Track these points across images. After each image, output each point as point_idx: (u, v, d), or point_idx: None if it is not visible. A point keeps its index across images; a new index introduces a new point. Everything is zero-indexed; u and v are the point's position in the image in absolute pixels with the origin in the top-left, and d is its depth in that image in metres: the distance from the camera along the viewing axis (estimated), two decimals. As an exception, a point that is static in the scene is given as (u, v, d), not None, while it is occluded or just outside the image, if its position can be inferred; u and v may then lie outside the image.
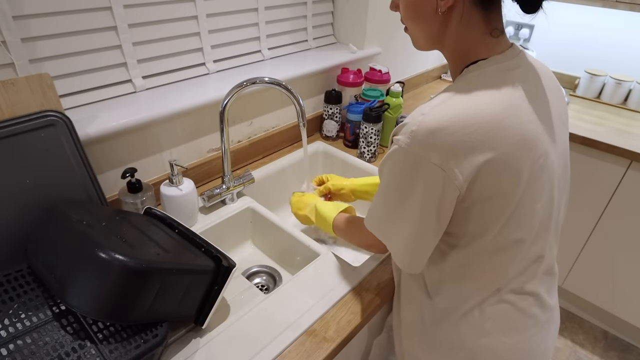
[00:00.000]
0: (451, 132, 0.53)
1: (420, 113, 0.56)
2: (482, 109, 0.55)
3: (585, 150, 1.52)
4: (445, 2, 0.57)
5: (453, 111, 0.54)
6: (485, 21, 0.58)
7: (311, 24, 1.39)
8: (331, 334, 0.72)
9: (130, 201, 0.86)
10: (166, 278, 0.62)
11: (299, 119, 0.92)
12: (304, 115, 0.92)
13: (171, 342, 0.69)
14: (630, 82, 1.73)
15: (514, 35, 1.99)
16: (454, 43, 0.61)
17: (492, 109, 0.55)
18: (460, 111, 0.54)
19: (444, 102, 0.56)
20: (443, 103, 0.56)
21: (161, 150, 1.01)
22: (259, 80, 0.89)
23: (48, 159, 0.73)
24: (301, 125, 0.92)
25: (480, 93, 0.56)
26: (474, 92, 0.56)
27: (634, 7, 1.48)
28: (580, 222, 1.65)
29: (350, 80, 1.34)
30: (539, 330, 0.68)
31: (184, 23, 1.04)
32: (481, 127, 0.54)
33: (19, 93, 0.71)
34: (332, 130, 1.36)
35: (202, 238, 0.77)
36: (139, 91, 1.01)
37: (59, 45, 0.85)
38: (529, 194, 0.58)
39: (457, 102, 0.55)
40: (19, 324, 0.59)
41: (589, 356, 1.74)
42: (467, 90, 0.56)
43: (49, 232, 0.66)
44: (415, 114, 0.56)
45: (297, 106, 0.91)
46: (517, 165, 0.56)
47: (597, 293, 1.75)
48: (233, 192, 1.04)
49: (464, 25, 0.59)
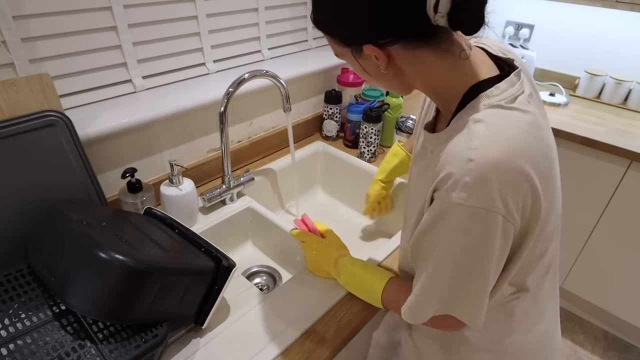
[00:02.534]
0: (510, 169, 0.48)
1: (465, 159, 0.49)
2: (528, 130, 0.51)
3: (585, 150, 1.52)
4: (381, 60, 0.54)
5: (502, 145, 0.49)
6: (445, 50, 0.53)
7: (311, 24, 1.39)
8: (331, 334, 0.72)
9: (130, 201, 0.86)
10: (166, 278, 0.62)
11: (283, 104, 0.95)
12: (289, 98, 0.96)
13: (171, 342, 0.69)
14: (630, 82, 1.73)
15: (514, 35, 1.99)
16: (424, 83, 0.57)
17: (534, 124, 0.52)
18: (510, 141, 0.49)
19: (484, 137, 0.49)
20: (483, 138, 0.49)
21: (161, 150, 1.01)
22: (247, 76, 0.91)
23: (48, 159, 0.73)
24: (285, 109, 0.95)
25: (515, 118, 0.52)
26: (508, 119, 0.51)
27: (634, 7, 1.48)
28: (580, 222, 1.65)
29: (350, 80, 1.34)
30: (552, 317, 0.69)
31: (184, 23, 1.04)
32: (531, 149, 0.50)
33: (19, 93, 0.71)
34: (332, 130, 1.36)
35: (202, 238, 0.77)
36: (139, 91, 1.01)
37: (59, 45, 0.85)
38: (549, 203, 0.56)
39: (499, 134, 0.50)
40: (19, 324, 0.59)
41: (589, 356, 1.74)
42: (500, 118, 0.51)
43: (49, 232, 0.66)
44: (458, 160, 0.49)
45: (282, 89, 0.96)
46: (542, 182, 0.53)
47: (597, 293, 1.75)
48: (233, 192, 1.04)
49: (418, 68, 0.55)
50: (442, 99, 0.59)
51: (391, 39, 0.52)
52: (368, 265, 0.78)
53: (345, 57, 0.60)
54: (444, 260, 0.54)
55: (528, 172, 0.49)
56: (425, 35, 0.52)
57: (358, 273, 0.76)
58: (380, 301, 0.72)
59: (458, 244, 0.52)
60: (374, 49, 0.53)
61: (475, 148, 0.49)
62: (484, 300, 0.56)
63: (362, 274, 0.76)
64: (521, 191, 0.49)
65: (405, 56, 0.54)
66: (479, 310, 0.56)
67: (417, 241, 0.58)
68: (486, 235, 0.50)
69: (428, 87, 0.58)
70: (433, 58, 0.54)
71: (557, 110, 1.70)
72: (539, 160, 0.52)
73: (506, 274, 0.58)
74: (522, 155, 0.49)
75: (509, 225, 0.50)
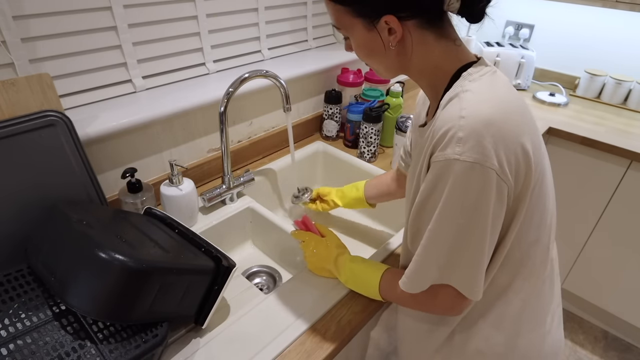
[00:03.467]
0: (500, 127, 0.51)
1: (458, 117, 0.51)
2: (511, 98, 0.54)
3: (585, 150, 1.51)
4: (394, 37, 0.56)
5: (490, 104, 0.52)
6: (444, 36, 0.58)
7: (311, 24, 1.39)
8: (331, 334, 0.72)
9: (130, 201, 0.86)
10: (166, 278, 0.62)
11: (283, 104, 0.95)
12: (289, 98, 0.95)
13: (171, 342, 0.69)
14: (630, 82, 1.73)
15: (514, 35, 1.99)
16: (419, 66, 0.60)
17: (516, 96, 0.55)
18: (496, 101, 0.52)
19: (473, 99, 0.52)
20: (473, 100, 0.52)
21: (161, 150, 1.01)
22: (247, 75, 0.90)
23: (48, 159, 0.73)
24: (285, 109, 0.94)
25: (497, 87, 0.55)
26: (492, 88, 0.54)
27: (634, 7, 1.48)
28: (580, 222, 1.65)
29: (350, 80, 1.34)
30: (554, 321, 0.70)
31: (184, 23, 1.04)
32: (517, 113, 0.53)
33: (19, 93, 0.71)
34: (332, 130, 1.36)
35: (202, 238, 0.77)
36: (139, 91, 1.01)
37: (59, 45, 0.85)
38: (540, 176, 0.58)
39: (486, 96, 0.53)
40: (19, 324, 0.59)
41: (589, 356, 1.74)
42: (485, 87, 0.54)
43: (49, 232, 0.66)
44: (451, 119, 0.52)
45: (282, 89, 0.95)
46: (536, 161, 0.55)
47: (597, 293, 1.75)
48: (233, 192, 1.04)
49: (421, 48, 0.58)
50: (432, 84, 0.62)
51: (411, 13, 0.54)
52: (366, 260, 0.79)
53: (349, 30, 0.60)
54: (442, 223, 0.55)
55: (518, 130, 0.52)
56: (435, 18, 0.56)
57: (357, 268, 0.77)
58: (379, 292, 0.72)
59: (455, 204, 0.52)
60: (394, 21, 0.55)
61: (465, 108, 0.52)
62: (481, 267, 0.56)
63: (360, 268, 0.76)
64: (513, 149, 0.52)
65: (415, 34, 0.57)
66: (476, 279, 0.57)
67: (416, 214, 0.59)
68: (481, 192, 0.51)
69: (422, 71, 0.61)
70: (434, 41, 0.57)
71: (557, 110, 1.70)
72: (528, 122, 0.55)
73: (501, 250, 0.59)
74: (511, 113, 0.53)
75: (502, 184, 0.52)
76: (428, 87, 0.63)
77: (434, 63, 0.59)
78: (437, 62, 0.59)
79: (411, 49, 0.58)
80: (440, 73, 0.59)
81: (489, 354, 0.67)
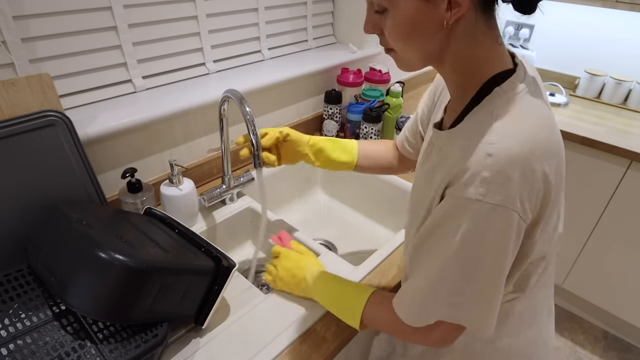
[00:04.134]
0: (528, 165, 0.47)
1: (484, 154, 0.47)
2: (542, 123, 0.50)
3: (585, 150, 1.52)
4: (456, 11, 0.48)
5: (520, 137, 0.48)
6: (491, 28, 0.52)
7: (311, 24, 1.39)
8: (331, 334, 0.72)
9: (130, 201, 0.86)
10: (166, 278, 0.62)
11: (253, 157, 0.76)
12: (259, 147, 0.76)
13: (171, 342, 0.69)
14: (630, 82, 1.73)
15: (514, 35, 1.99)
16: (459, 58, 0.53)
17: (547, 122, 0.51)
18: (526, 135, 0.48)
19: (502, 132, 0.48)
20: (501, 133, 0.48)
21: (161, 150, 1.01)
22: None
23: (48, 159, 0.73)
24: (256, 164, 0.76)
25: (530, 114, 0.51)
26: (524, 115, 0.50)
27: (634, 7, 1.48)
28: (580, 222, 1.65)
29: (350, 80, 1.34)
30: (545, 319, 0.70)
31: (184, 23, 1.04)
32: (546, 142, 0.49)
33: (19, 93, 0.71)
34: (332, 130, 1.36)
35: (202, 238, 0.77)
36: (139, 91, 1.01)
37: (59, 45, 0.85)
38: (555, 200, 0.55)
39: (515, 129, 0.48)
40: (19, 324, 0.59)
41: (589, 356, 1.74)
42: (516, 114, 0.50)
43: (49, 232, 0.66)
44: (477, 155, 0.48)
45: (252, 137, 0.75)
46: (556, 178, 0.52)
47: (597, 293, 1.75)
48: (233, 192, 1.04)
49: (470, 36, 0.51)
50: (461, 84, 0.55)
51: None
52: (346, 281, 0.75)
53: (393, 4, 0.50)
54: (456, 262, 0.51)
55: (545, 168, 0.49)
56: (490, 6, 0.50)
57: (336, 288, 0.72)
58: (360, 317, 0.66)
59: (472, 243, 0.49)
60: None
61: (493, 143, 0.47)
62: (496, 304, 0.53)
63: (340, 288, 0.72)
64: (536, 188, 0.49)
65: (468, 19, 0.50)
66: (492, 316, 0.54)
67: (423, 238, 0.55)
68: (502, 233, 0.48)
69: (457, 68, 0.54)
70: (483, 34, 0.51)
71: (557, 110, 1.70)
72: (555, 155, 0.51)
73: (511, 275, 0.57)
74: (541, 151, 0.48)
75: (522, 223, 0.49)
76: (457, 87, 0.57)
77: (474, 60, 0.53)
78: (478, 59, 0.53)
79: (462, 33, 0.51)
80: (474, 75, 0.54)
81: (490, 353, 0.67)
